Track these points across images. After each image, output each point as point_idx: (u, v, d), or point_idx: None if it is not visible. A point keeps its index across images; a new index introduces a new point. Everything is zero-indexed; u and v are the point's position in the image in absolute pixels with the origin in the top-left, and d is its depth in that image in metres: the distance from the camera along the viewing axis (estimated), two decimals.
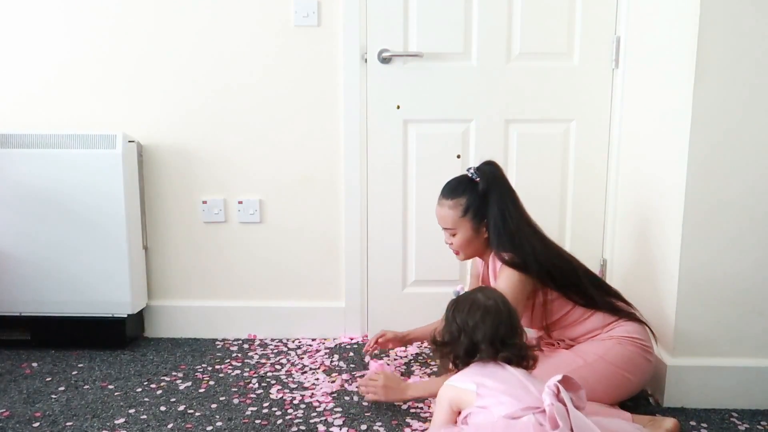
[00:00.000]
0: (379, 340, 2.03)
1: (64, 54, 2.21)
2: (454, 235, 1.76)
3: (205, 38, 2.20)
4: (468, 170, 1.77)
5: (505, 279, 1.68)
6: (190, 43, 2.20)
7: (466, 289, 1.79)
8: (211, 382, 1.95)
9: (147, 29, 2.19)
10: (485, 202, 1.71)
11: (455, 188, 1.75)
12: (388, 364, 2.00)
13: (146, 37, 2.20)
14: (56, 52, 2.21)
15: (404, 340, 2.06)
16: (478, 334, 1.37)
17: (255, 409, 1.78)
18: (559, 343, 1.75)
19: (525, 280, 1.68)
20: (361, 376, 1.99)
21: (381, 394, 1.74)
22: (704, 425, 1.69)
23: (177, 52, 2.20)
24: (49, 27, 2.19)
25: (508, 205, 1.72)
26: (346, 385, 1.93)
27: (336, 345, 2.26)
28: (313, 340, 2.31)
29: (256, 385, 1.92)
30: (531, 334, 1.85)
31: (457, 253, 1.80)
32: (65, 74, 2.22)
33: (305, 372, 2.03)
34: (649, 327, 1.75)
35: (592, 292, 1.72)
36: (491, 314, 1.38)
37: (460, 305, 1.42)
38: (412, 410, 1.76)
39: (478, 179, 1.73)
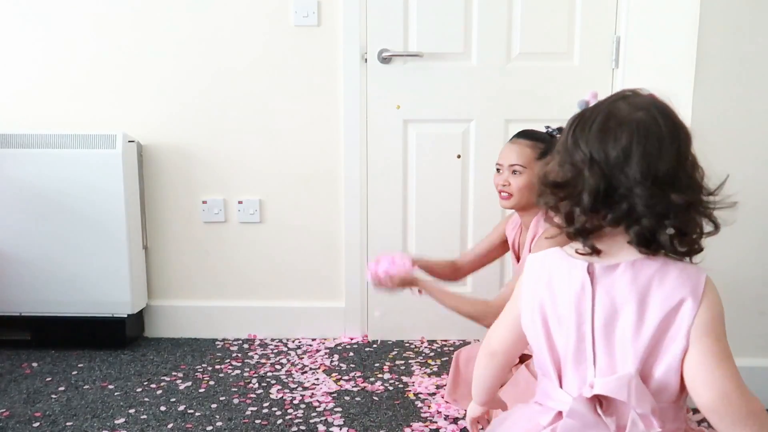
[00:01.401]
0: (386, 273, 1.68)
1: (63, 54, 2.21)
2: (517, 173, 1.62)
3: (205, 39, 2.19)
4: (546, 127, 1.70)
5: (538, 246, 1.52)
6: (190, 44, 2.20)
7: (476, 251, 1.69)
8: (211, 382, 1.95)
9: (147, 30, 2.19)
10: None
11: (535, 134, 1.67)
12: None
13: (146, 37, 2.20)
14: (56, 52, 2.21)
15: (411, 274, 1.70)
16: (618, 167, 0.83)
17: (255, 409, 1.78)
18: None
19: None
20: (360, 376, 1.99)
21: (389, 282, 1.64)
22: (704, 425, 1.68)
23: (177, 52, 2.20)
24: (48, 27, 2.19)
25: None
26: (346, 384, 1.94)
27: (336, 345, 2.26)
28: (313, 340, 2.31)
29: (256, 385, 1.92)
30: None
31: (508, 197, 1.64)
32: (65, 74, 2.22)
33: (305, 372, 2.03)
34: None
35: None
36: (641, 133, 0.83)
37: (586, 120, 0.89)
38: (413, 410, 1.76)
39: (558, 135, 1.65)
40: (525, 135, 1.69)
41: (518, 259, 1.76)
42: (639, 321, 0.84)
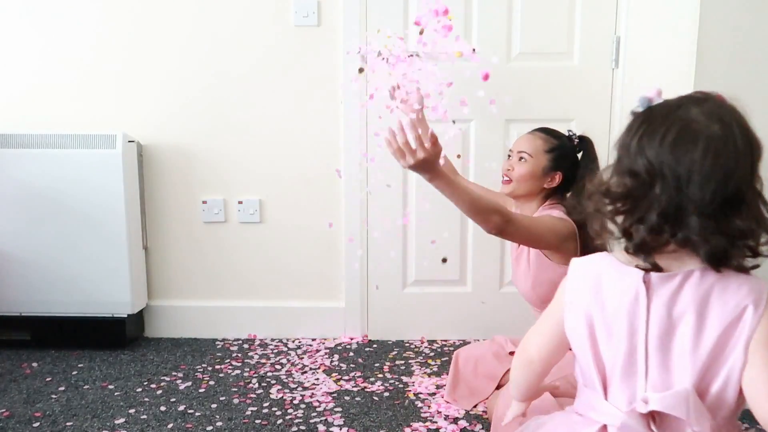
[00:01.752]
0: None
1: (64, 54, 2.21)
2: (522, 160, 1.65)
3: (205, 39, 2.19)
4: (568, 131, 1.73)
5: (551, 216, 1.56)
6: (190, 44, 2.20)
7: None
8: (211, 382, 1.95)
9: (148, 30, 2.19)
10: (571, 161, 1.68)
11: (553, 131, 1.71)
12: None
13: (147, 37, 2.20)
14: (56, 53, 2.21)
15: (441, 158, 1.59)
16: (693, 186, 0.78)
17: (255, 409, 1.78)
18: None
19: (563, 223, 1.56)
20: (360, 376, 1.99)
21: (415, 163, 1.42)
22: None
23: (177, 52, 2.20)
24: (48, 27, 2.19)
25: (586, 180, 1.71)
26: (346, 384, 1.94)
27: (336, 345, 2.26)
28: (313, 340, 2.31)
29: (256, 385, 1.92)
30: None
31: (508, 182, 1.68)
32: (65, 74, 2.22)
33: (305, 372, 2.03)
34: None
35: None
36: (718, 149, 0.78)
37: (655, 124, 0.83)
38: (413, 410, 1.76)
39: (576, 141, 1.71)
40: (542, 129, 1.72)
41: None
42: (698, 333, 0.80)
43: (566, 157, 1.69)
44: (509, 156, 1.71)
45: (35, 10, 2.19)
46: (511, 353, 1.83)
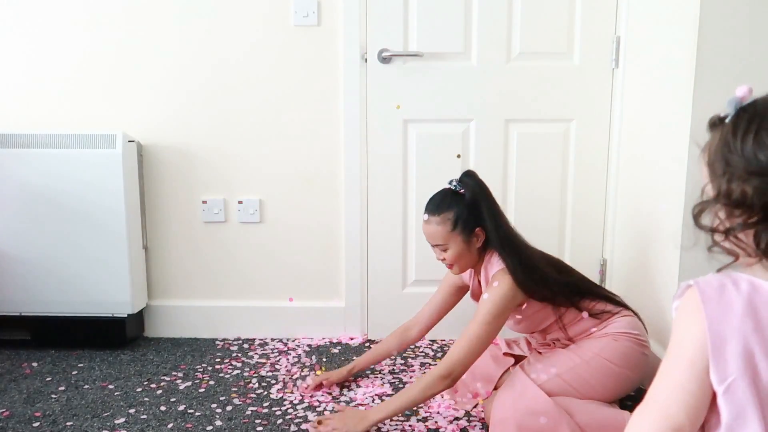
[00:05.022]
0: (323, 382, 1.88)
1: (63, 53, 2.21)
2: (445, 250, 1.71)
3: (205, 38, 2.19)
4: (450, 183, 1.73)
5: (500, 287, 1.62)
6: (190, 43, 2.20)
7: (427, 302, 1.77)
8: (211, 382, 1.95)
9: (147, 29, 2.19)
10: (474, 212, 1.68)
11: (440, 203, 1.71)
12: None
13: (146, 36, 2.20)
14: (55, 52, 2.21)
15: (350, 374, 1.92)
16: None
17: (255, 409, 1.78)
18: (554, 343, 1.75)
19: (517, 290, 1.62)
20: (361, 376, 1.99)
21: (341, 427, 1.58)
22: None
23: (177, 51, 2.20)
24: (48, 27, 2.19)
25: (497, 211, 1.71)
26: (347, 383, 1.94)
27: (336, 345, 2.26)
28: (313, 339, 2.31)
29: (256, 385, 1.93)
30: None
31: (451, 267, 1.75)
32: (65, 74, 2.22)
33: (305, 372, 2.03)
34: (639, 317, 1.73)
35: (583, 288, 1.73)
36: None
37: None
38: (413, 410, 1.76)
39: (462, 190, 1.70)
40: (432, 210, 1.72)
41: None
42: None
43: (469, 214, 1.69)
44: (433, 246, 1.76)
45: (32, 9, 2.19)
46: (506, 354, 1.84)
